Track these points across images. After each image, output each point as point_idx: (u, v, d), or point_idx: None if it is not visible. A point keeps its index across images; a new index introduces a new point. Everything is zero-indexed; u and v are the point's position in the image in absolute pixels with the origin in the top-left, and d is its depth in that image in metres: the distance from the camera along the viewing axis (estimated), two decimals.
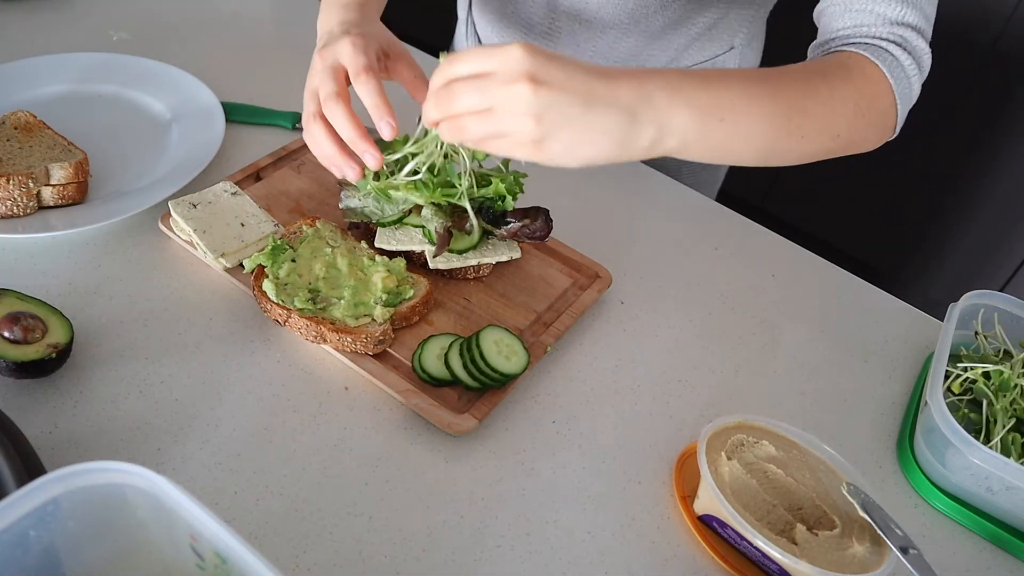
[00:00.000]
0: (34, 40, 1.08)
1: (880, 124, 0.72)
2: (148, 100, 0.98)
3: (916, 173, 2.00)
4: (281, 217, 0.83)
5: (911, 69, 0.72)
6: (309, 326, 0.69)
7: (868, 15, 0.72)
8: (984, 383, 0.71)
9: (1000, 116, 1.84)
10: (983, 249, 2.00)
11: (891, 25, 0.72)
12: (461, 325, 0.75)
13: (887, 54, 0.71)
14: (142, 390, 0.67)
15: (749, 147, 0.65)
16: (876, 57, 0.71)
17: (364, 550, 0.59)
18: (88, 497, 0.44)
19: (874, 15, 0.72)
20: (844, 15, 0.74)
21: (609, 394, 0.73)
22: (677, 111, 0.60)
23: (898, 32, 0.72)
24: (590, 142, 0.58)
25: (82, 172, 0.82)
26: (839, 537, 0.59)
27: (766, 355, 0.79)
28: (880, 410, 0.75)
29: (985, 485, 0.65)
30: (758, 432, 0.65)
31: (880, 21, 0.72)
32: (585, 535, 0.62)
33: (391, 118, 0.66)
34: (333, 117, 0.67)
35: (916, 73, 0.72)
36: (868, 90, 0.70)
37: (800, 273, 0.89)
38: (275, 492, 0.62)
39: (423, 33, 1.62)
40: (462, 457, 0.66)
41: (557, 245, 0.84)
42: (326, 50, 0.69)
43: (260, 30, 1.17)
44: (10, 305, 0.67)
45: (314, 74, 0.70)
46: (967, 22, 1.77)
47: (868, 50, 0.72)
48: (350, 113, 0.66)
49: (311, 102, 0.69)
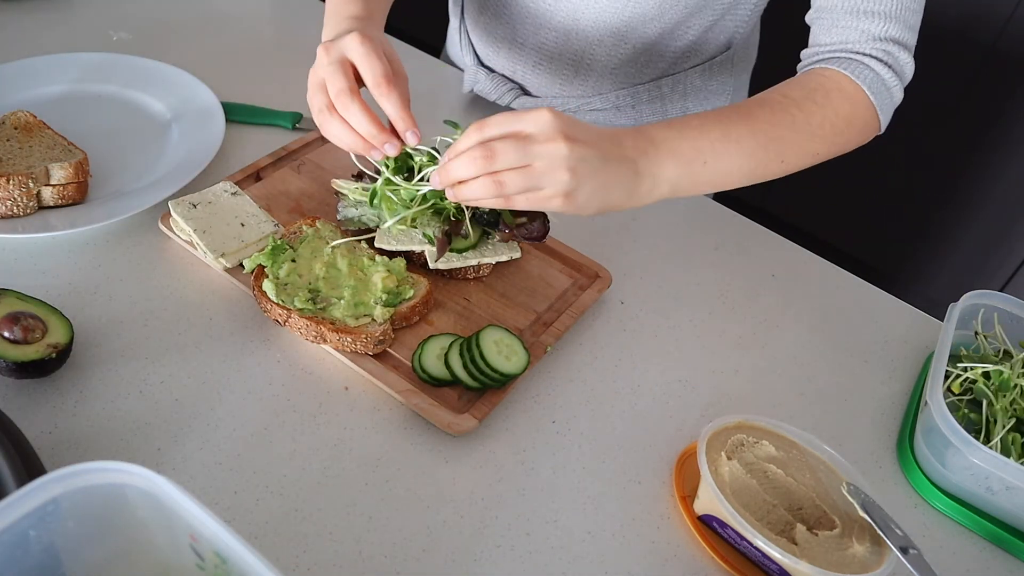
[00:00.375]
0: (34, 40, 1.08)
1: (860, 134, 0.77)
2: (148, 100, 0.98)
3: (916, 173, 2.00)
4: (281, 217, 0.83)
5: (891, 81, 0.76)
6: (309, 326, 0.69)
7: (853, 31, 0.76)
8: (984, 383, 0.71)
9: (1000, 116, 1.84)
10: (983, 249, 2.00)
11: (875, 41, 0.76)
12: (461, 325, 0.75)
13: (868, 70, 0.76)
14: (142, 390, 0.67)
15: (733, 180, 0.72)
16: (855, 74, 0.75)
17: (364, 550, 0.59)
18: (88, 497, 0.44)
19: (858, 31, 0.76)
20: (831, 30, 0.78)
21: (609, 394, 0.73)
22: (665, 162, 0.67)
23: (881, 47, 0.76)
24: (608, 192, 0.65)
25: (82, 172, 0.82)
26: (839, 537, 0.59)
27: (766, 355, 0.79)
28: (880, 410, 0.75)
29: (985, 485, 0.65)
30: (758, 432, 0.65)
31: (864, 37, 0.76)
32: (585, 535, 0.62)
33: (416, 128, 0.69)
34: (349, 114, 0.68)
35: (897, 83, 0.77)
36: (845, 110, 0.75)
37: (800, 273, 0.89)
38: (275, 492, 0.62)
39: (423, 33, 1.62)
40: (462, 457, 0.66)
41: (557, 245, 0.84)
42: (332, 45, 0.70)
43: (260, 30, 1.17)
44: (10, 305, 0.67)
45: (320, 67, 0.70)
46: (967, 22, 1.77)
47: (848, 66, 0.76)
48: (365, 108, 0.68)
49: (320, 94, 0.70)
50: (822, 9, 0.78)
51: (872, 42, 0.76)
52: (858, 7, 0.75)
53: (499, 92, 1.02)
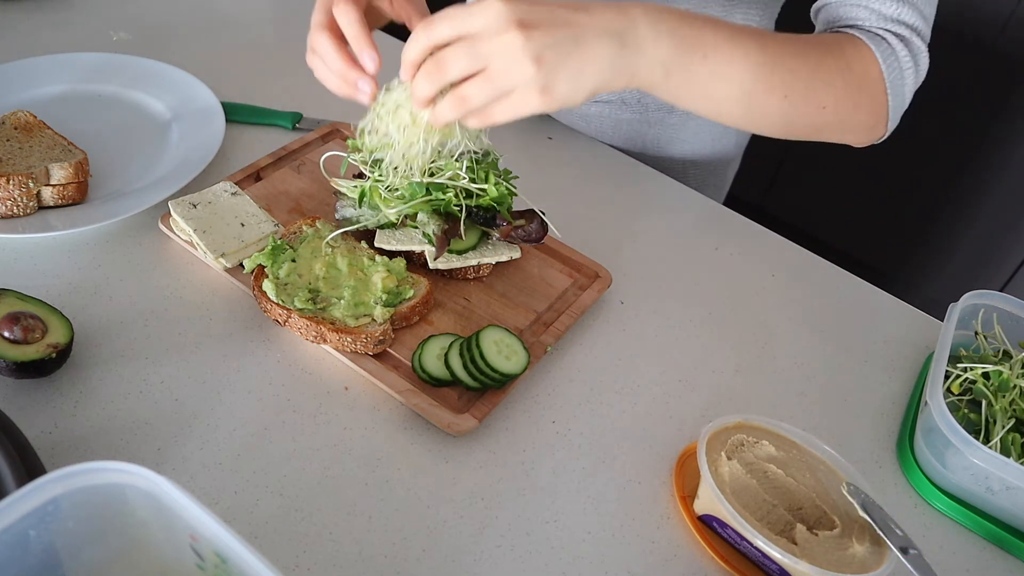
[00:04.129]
0: (34, 40, 1.08)
1: (869, 108, 0.71)
2: (148, 100, 0.98)
3: (916, 173, 2.00)
4: (281, 217, 0.83)
5: (905, 61, 0.70)
6: (309, 326, 0.69)
7: (864, 10, 0.72)
8: (984, 383, 0.71)
9: (1000, 116, 1.84)
10: (983, 249, 2.00)
11: (888, 21, 0.71)
12: (461, 325, 0.75)
13: (883, 41, 0.70)
14: (142, 390, 0.67)
15: (732, 93, 0.64)
16: (871, 41, 0.70)
17: (364, 550, 0.59)
18: (88, 497, 0.44)
19: (870, 11, 0.71)
20: (840, 9, 0.73)
21: (609, 394, 0.73)
22: (661, 39, 0.60)
23: (894, 29, 0.71)
24: (590, 73, 0.57)
25: (82, 172, 0.82)
26: (839, 537, 0.59)
27: (766, 355, 0.79)
28: (880, 410, 0.75)
29: (985, 485, 0.65)
30: (758, 432, 0.65)
31: (876, 17, 0.71)
32: (585, 535, 0.62)
33: (374, 51, 0.64)
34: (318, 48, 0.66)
35: (911, 65, 0.71)
36: (858, 68, 0.68)
37: (800, 273, 0.89)
38: (275, 492, 0.62)
39: None
40: (462, 457, 0.66)
41: (557, 245, 0.84)
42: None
43: (260, 30, 1.17)
44: (10, 305, 0.67)
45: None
46: (967, 22, 1.77)
47: (864, 34, 0.70)
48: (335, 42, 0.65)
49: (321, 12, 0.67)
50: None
51: (885, 22, 0.71)
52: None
53: None
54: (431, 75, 0.58)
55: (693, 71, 0.61)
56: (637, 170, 1.00)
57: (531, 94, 0.56)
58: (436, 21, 0.57)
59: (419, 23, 0.59)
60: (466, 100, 0.57)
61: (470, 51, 0.56)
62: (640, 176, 0.99)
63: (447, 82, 0.58)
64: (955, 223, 2.02)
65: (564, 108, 0.59)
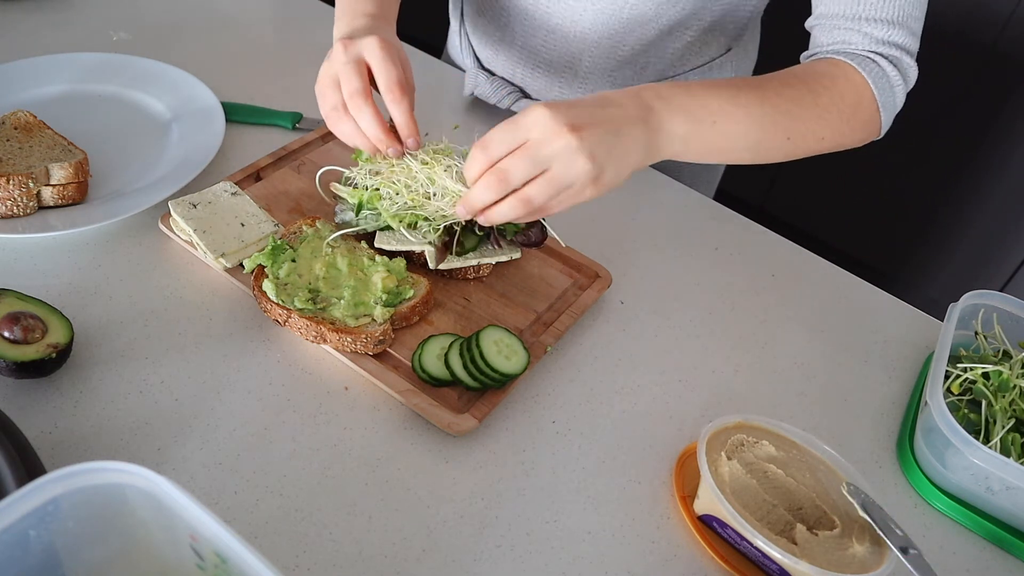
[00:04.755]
0: (34, 40, 1.08)
1: (864, 128, 0.76)
2: (148, 100, 0.98)
3: (916, 173, 2.00)
4: (281, 217, 0.83)
5: (895, 79, 0.76)
6: (309, 326, 0.69)
7: (856, 34, 0.76)
8: (984, 383, 0.71)
9: (1000, 116, 1.84)
10: (983, 249, 2.00)
11: (879, 44, 0.76)
12: (461, 325, 0.75)
13: (873, 64, 0.75)
14: (142, 390, 0.67)
15: (741, 147, 0.71)
16: (861, 66, 0.74)
17: (364, 550, 0.59)
18: (88, 497, 0.44)
19: (861, 34, 0.76)
20: (832, 31, 0.78)
21: (609, 394, 0.73)
22: (675, 117, 0.66)
23: (885, 51, 0.75)
24: (631, 160, 0.65)
25: (82, 172, 0.82)
26: (839, 537, 0.59)
27: (766, 355, 0.79)
28: (880, 410, 0.75)
29: (985, 485, 0.65)
30: (758, 432, 0.65)
31: (868, 40, 0.76)
32: (585, 535, 0.62)
33: (418, 137, 0.72)
34: (360, 116, 0.70)
35: (900, 83, 0.76)
36: (851, 97, 0.74)
37: (800, 273, 0.89)
38: (275, 492, 0.62)
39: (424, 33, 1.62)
40: (462, 457, 0.66)
41: (557, 245, 0.84)
42: (351, 43, 0.71)
43: (260, 30, 1.17)
44: (10, 305, 0.67)
45: (336, 63, 0.71)
46: (967, 22, 1.77)
47: (854, 59, 0.75)
48: (376, 112, 0.70)
49: (332, 91, 0.72)
50: (823, 16, 0.78)
51: (876, 44, 0.75)
52: (860, 14, 0.75)
53: (499, 95, 1.01)
54: (493, 187, 0.63)
55: (707, 137, 0.68)
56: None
57: (586, 186, 0.63)
58: (490, 140, 0.63)
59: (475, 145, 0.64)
60: (530, 201, 0.63)
61: (532, 158, 0.61)
62: (640, 176, 0.99)
63: (511, 189, 0.63)
64: (955, 223, 2.02)
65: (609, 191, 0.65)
